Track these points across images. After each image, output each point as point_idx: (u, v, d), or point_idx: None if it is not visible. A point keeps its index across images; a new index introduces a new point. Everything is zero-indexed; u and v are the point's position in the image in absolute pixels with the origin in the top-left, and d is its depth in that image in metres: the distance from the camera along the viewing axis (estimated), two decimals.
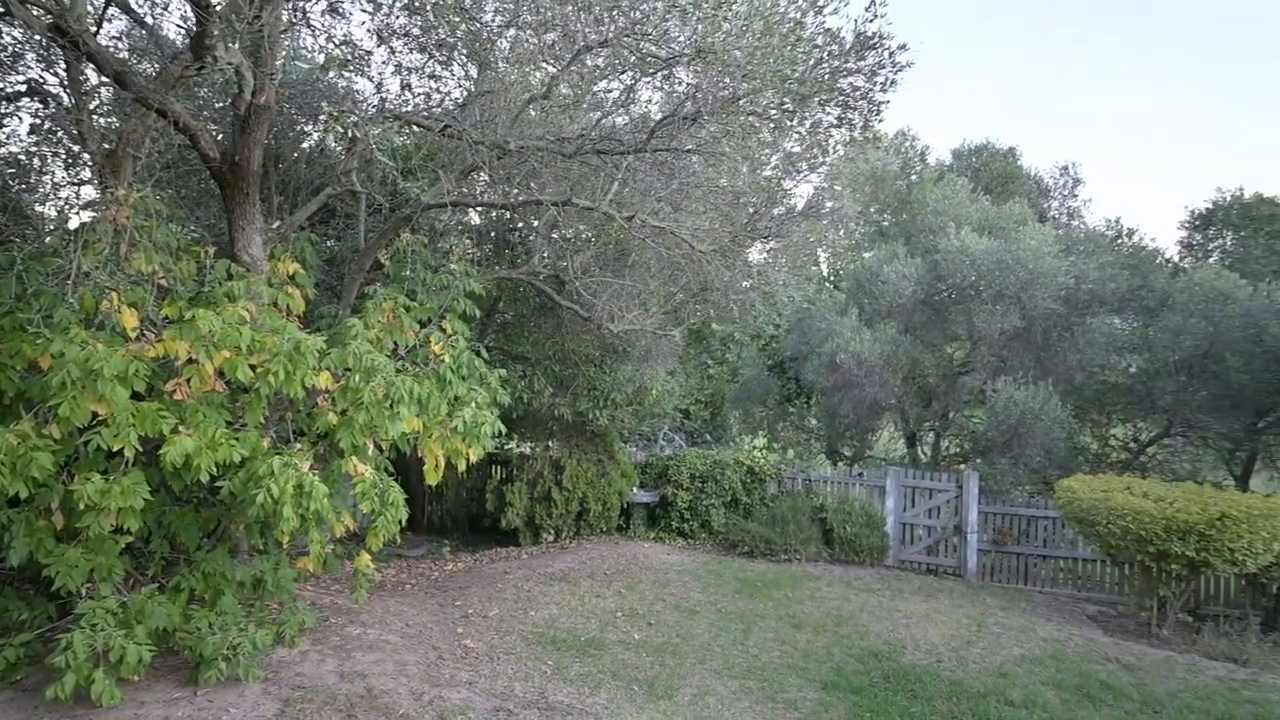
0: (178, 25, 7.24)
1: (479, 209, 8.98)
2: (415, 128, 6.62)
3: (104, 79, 5.76)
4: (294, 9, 6.14)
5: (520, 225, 9.42)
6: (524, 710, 5.34)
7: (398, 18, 6.31)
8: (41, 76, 6.16)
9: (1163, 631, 7.81)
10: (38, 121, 6.53)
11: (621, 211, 6.73)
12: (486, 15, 6.02)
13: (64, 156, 6.84)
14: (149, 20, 6.47)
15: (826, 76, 5.25)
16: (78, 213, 6.70)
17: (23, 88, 6.05)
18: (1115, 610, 8.85)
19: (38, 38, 5.86)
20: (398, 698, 5.21)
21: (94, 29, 5.52)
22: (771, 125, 5.55)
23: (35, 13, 4.65)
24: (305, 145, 7.92)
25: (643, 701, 5.73)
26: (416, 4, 5.89)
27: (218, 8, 4.74)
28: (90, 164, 5.91)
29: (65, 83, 5.82)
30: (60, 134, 6.65)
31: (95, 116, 6.36)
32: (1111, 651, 7.07)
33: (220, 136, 6.88)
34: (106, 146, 5.51)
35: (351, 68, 6.58)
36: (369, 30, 6.90)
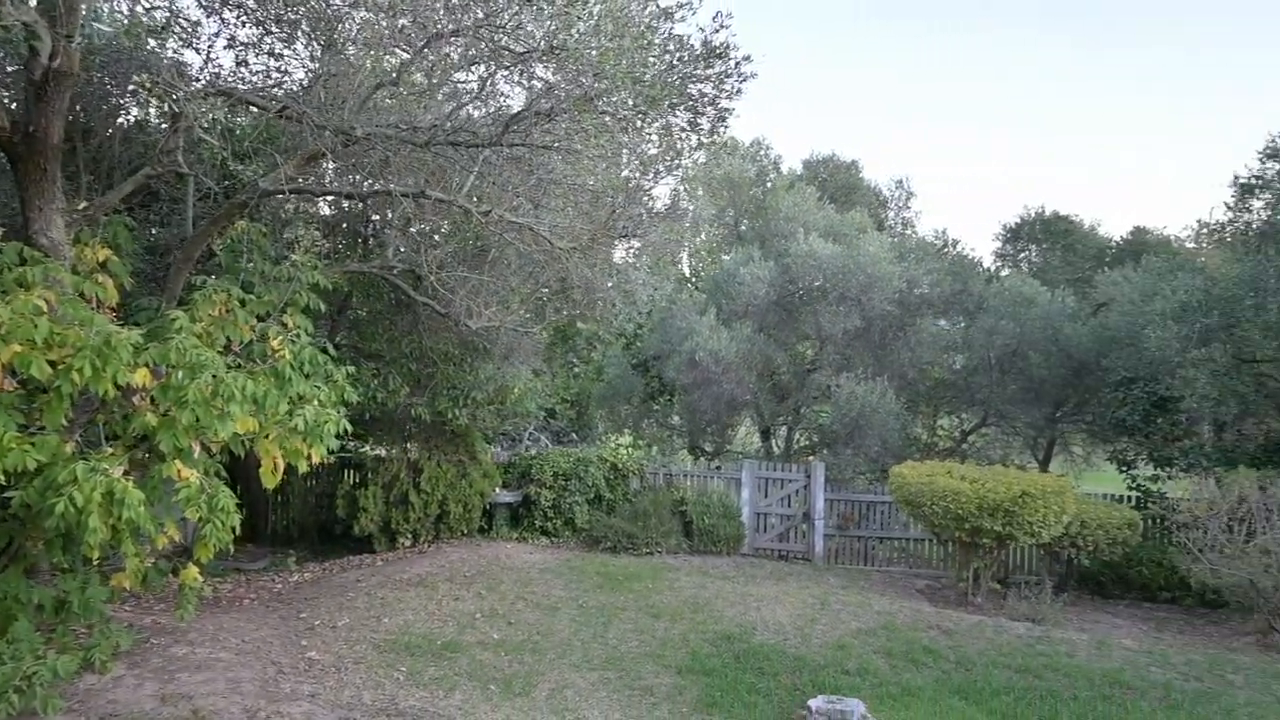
0: None
1: (327, 199, 8.53)
2: (252, 108, 6.18)
3: None
4: None
5: (374, 218, 9.03)
6: (372, 719, 5.13)
7: None
8: None
9: (977, 599, 8.71)
10: None
11: (479, 206, 6.62)
12: None
13: None
14: None
15: (677, 81, 5.45)
16: None
17: None
18: (940, 583, 9.76)
19: None
20: (229, 717, 4.85)
21: None
22: (623, 125, 5.67)
23: None
24: (122, 120, 7.17)
25: (499, 700, 5.67)
26: None
27: None
28: None
29: None
30: None
31: None
32: (934, 620, 7.80)
33: (14, 105, 6.10)
34: None
35: (173, 36, 6.03)
36: None
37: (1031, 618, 8.13)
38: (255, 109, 6.26)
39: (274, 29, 6.22)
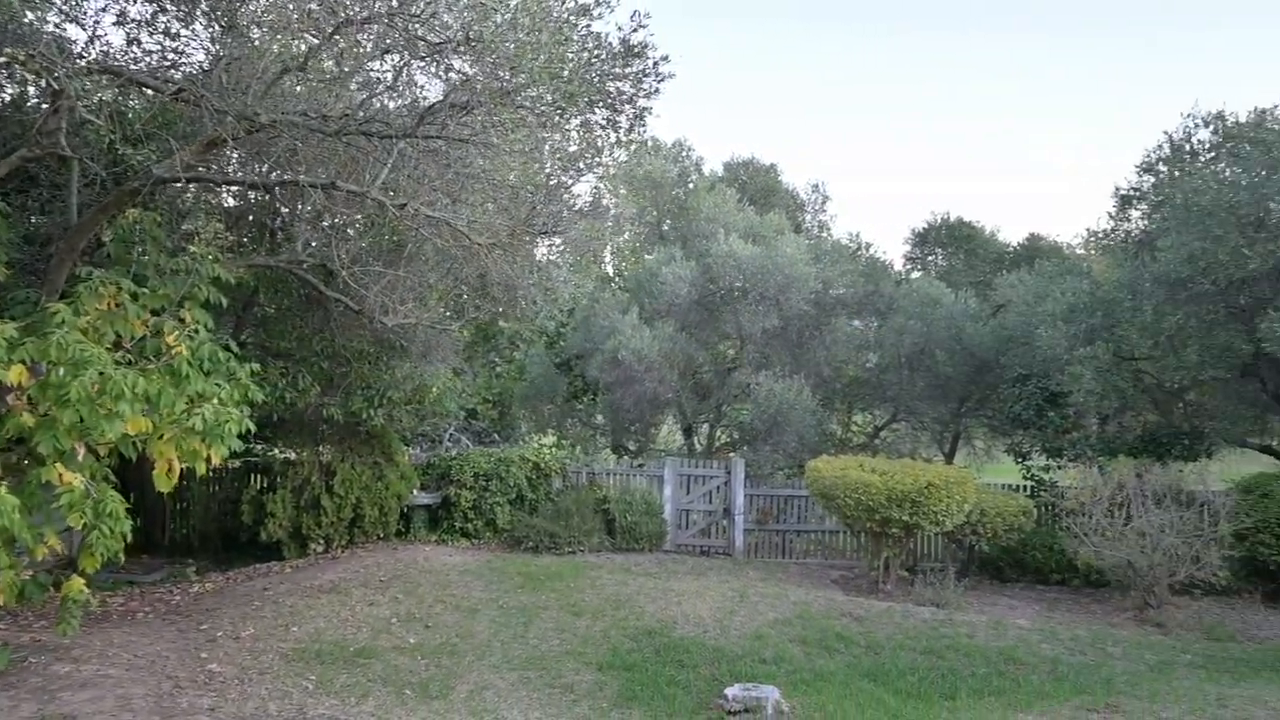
0: None
1: (230, 188, 8.11)
2: (145, 89, 5.83)
3: None
4: None
5: (282, 210, 8.65)
6: None
7: None
8: None
9: (887, 586, 9.09)
10: None
11: (394, 199, 6.45)
12: None
13: None
14: None
15: (595, 79, 5.46)
16: None
17: None
18: (853, 572, 10.13)
19: None
20: None
21: None
22: (542, 121, 5.64)
23: None
24: None
25: (415, 704, 5.54)
26: None
27: None
28: None
29: None
30: None
31: None
32: (847, 607, 8.10)
33: None
34: None
35: (54, 9, 5.61)
36: None
37: (936, 602, 8.55)
38: (149, 91, 5.90)
39: (169, 6, 5.88)
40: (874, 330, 13.84)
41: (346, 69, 6.31)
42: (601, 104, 5.69)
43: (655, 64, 5.71)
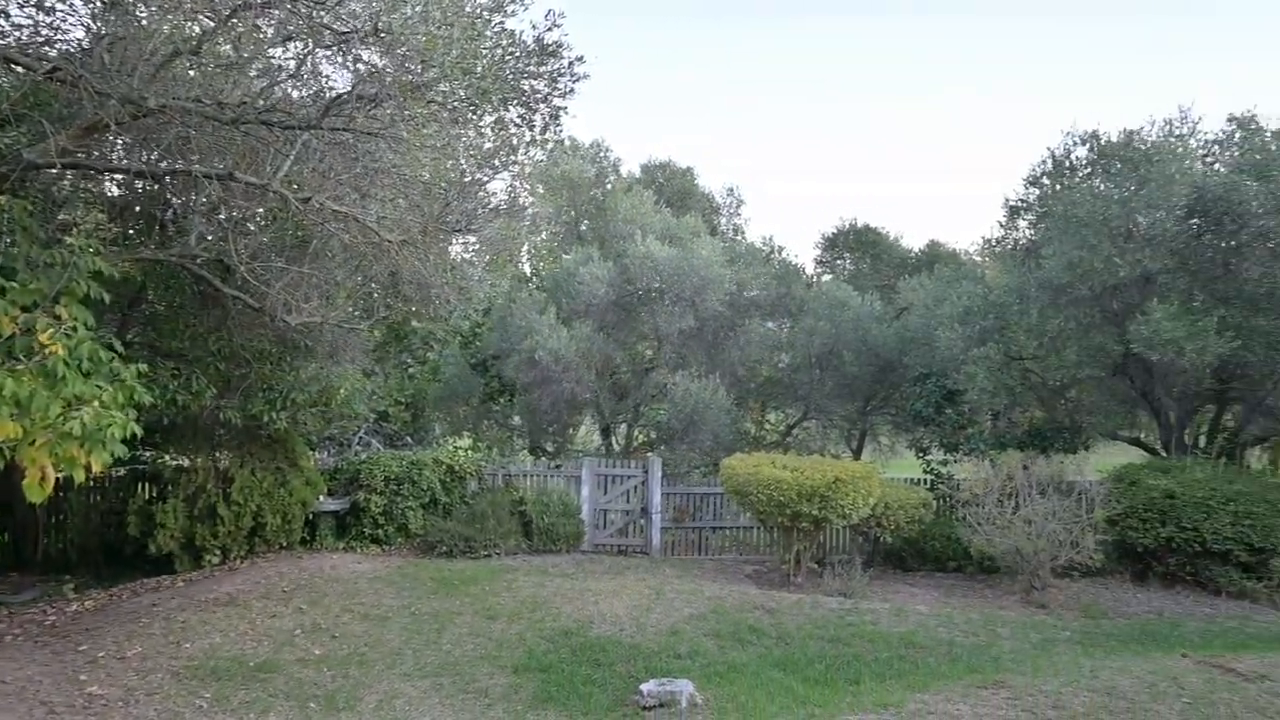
0: None
1: (114, 176, 7.57)
2: (14, 67, 5.36)
3: None
4: None
5: (174, 201, 8.13)
6: None
7: None
8: None
9: (797, 579, 9.39)
10: None
11: (298, 193, 6.19)
12: None
13: None
14: None
15: (509, 76, 5.41)
16: None
17: None
18: (766, 566, 10.41)
19: None
20: None
21: None
22: (455, 117, 5.54)
23: None
24: None
25: (320, 717, 5.34)
26: None
27: None
28: None
29: None
30: None
31: None
32: (759, 601, 8.32)
33: None
34: None
35: None
36: None
37: (843, 593, 8.90)
38: (19, 69, 5.44)
39: None
40: (786, 331, 14.27)
41: (245, 55, 6.01)
42: (516, 102, 5.64)
43: (570, 64, 5.71)
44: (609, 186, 14.28)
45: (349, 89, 5.99)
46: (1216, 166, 10.70)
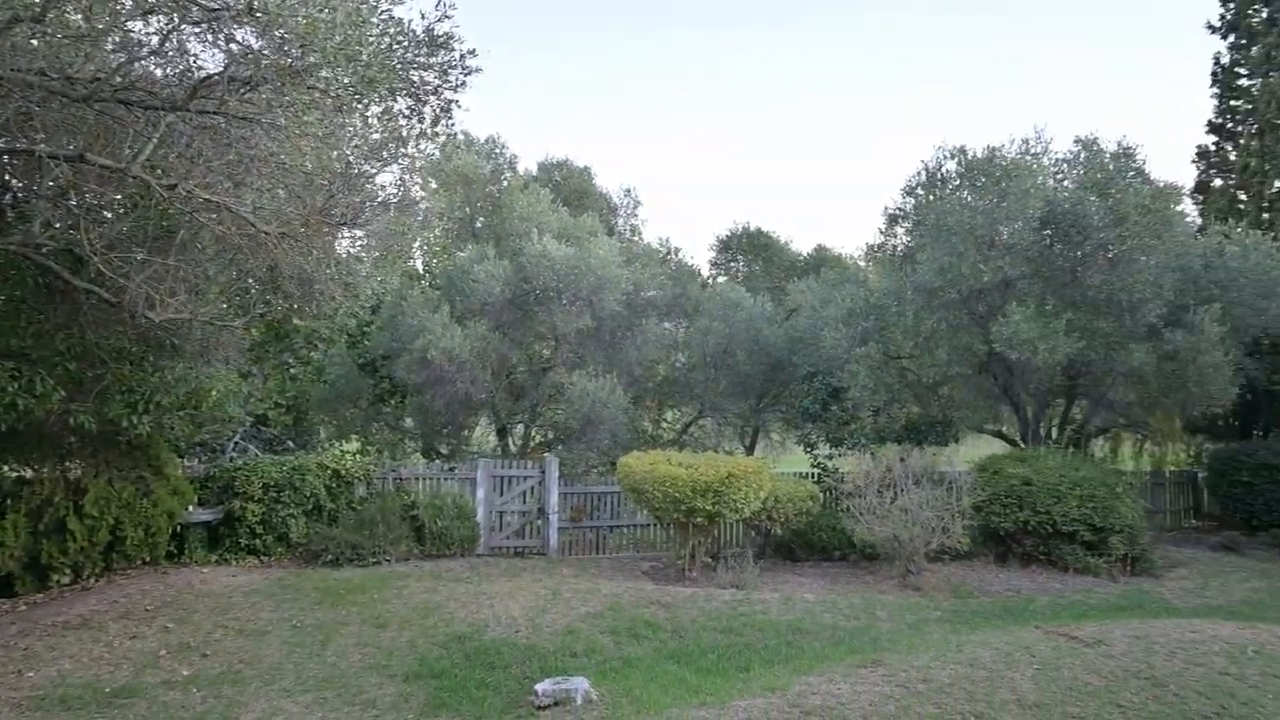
0: None
1: None
2: None
3: None
4: None
5: (15, 184, 7.34)
6: None
7: None
8: None
9: (693, 573, 9.59)
10: None
11: (162, 179, 5.74)
12: None
13: None
14: None
15: (397, 65, 5.24)
16: None
17: None
18: (662, 563, 10.57)
19: None
20: None
21: None
22: (339, 105, 5.31)
23: None
24: None
25: None
26: None
27: None
28: None
29: None
30: None
31: None
32: (655, 596, 8.44)
33: None
34: None
35: None
36: None
37: (736, 585, 9.17)
38: None
39: None
40: (683, 331, 14.55)
41: (99, 26, 5.52)
42: (405, 93, 5.47)
43: (462, 56, 5.59)
44: (505, 184, 14.07)
45: (221, 70, 5.63)
46: (1065, 183, 11.78)
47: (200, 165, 6.03)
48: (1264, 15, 17.21)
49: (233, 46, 5.72)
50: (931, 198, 12.21)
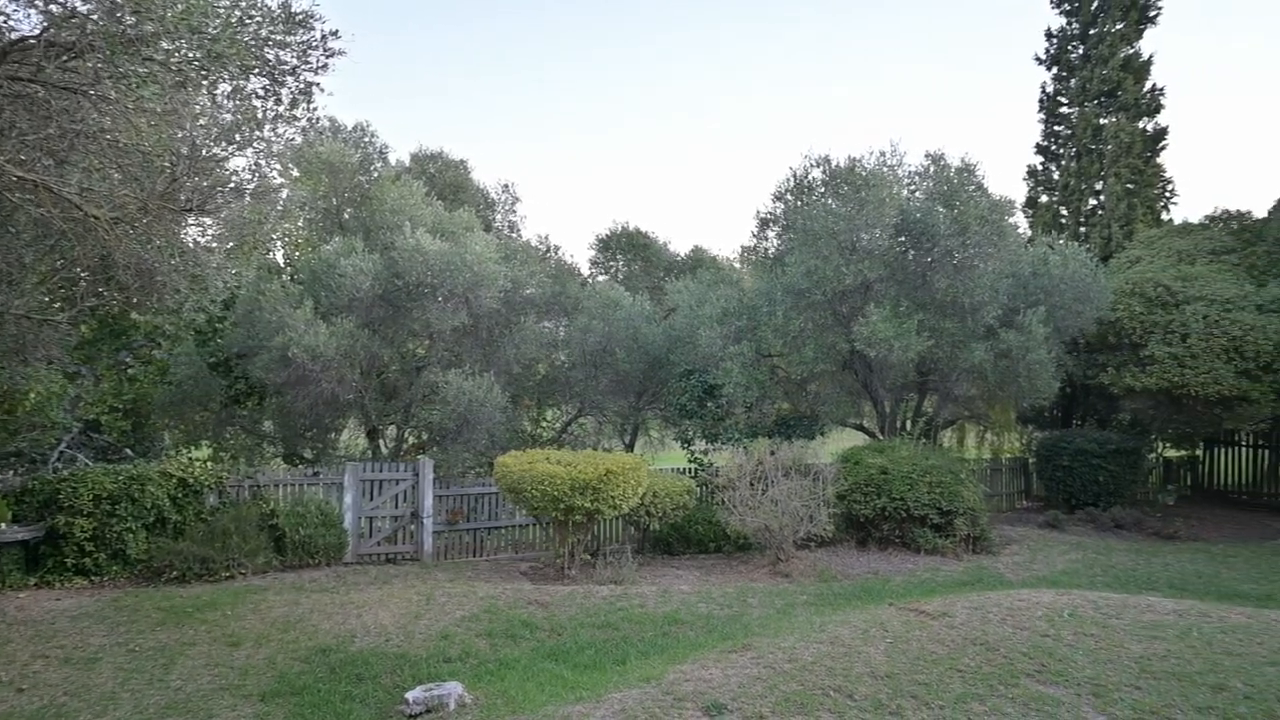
0: None
1: None
2: None
3: None
4: None
5: None
6: None
7: None
8: None
9: (572, 571, 9.58)
10: None
11: None
12: None
13: None
14: None
15: (250, 42, 4.88)
16: None
17: None
18: (541, 562, 10.49)
19: None
20: None
21: None
22: (181, 80, 4.87)
23: None
24: None
25: None
26: None
27: None
28: None
29: None
30: None
31: None
32: (534, 596, 8.36)
33: None
34: None
35: None
36: None
37: (615, 580, 9.25)
38: None
39: None
40: (562, 330, 14.48)
41: None
42: (259, 72, 5.10)
43: (324, 37, 5.29)
44: (375, 174, 13.43)
45: (38, 33, 5.04)
46: (917, 194, 12.76)
47: (13, 138, 5.38)
48: (1080, 52, 19.41)
49: (53, 8, 5.14)
50: (800, 203, 12.85)
